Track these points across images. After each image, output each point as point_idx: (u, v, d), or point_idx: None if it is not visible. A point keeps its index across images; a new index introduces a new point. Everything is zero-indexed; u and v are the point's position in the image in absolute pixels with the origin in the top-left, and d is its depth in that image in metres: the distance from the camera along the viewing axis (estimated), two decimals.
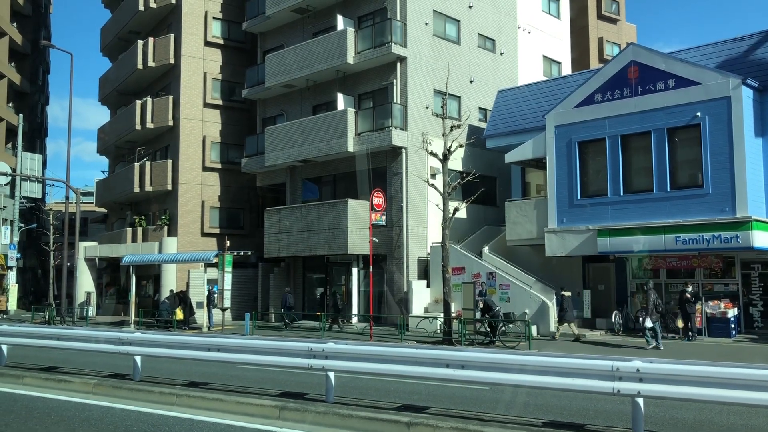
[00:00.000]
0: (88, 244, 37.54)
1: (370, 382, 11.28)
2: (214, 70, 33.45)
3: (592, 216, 21.79)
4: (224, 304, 25.06)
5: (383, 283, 26.04)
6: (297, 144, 28.14)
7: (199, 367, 12.60)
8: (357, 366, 8.96)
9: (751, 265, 20.73)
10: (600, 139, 21.84)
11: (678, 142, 20.52)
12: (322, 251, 26.60)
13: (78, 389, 10.60)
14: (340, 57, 26.79)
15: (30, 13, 51.95)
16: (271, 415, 8.53)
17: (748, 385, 6.61)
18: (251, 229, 33.49)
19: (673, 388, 6.96)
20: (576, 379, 7.43)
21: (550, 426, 7.65)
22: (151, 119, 33.24)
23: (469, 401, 9.70)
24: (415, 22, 26.65)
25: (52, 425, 8.33)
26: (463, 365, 8.10)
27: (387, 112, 25.91)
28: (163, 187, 32.38)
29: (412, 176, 25.58)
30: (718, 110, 19.54)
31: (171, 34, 33.14)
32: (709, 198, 19.59)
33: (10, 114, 45.73)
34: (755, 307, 20.70)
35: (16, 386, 11.18)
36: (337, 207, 26.01)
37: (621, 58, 21.79)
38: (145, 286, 34.84)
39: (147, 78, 35.39)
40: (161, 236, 31.93)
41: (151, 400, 9.64)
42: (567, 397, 9.98)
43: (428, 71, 26.92)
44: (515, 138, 25.57)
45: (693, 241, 19.57)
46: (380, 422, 7.88)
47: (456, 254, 23.67)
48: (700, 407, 9.16)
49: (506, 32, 31.10)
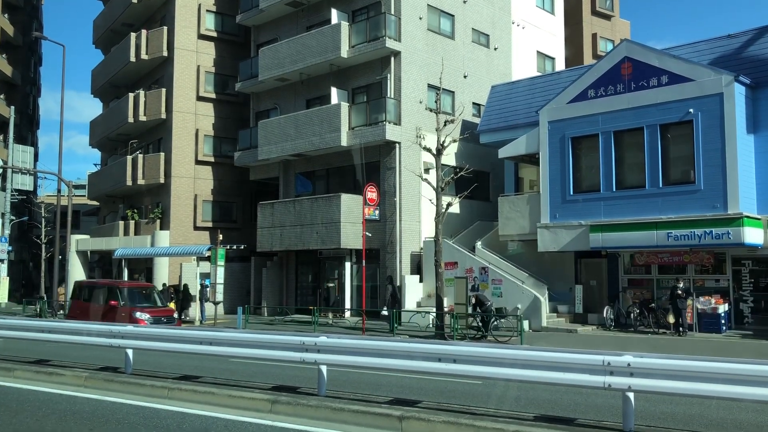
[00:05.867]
0: (80, 237, 37.39)
1: (362, 376, 11.29)
2: (208, 63, 33.32)
3: (584, 211, 21.86)
4: (217, 298, 25.04)
5: (376, 277, 26.06)
6: (290, 138, 28.08)
7: (191, 361, 12.57)
8: (349, 360, 8.97)
9: (742, 261, 20.86)
10: (593, 135, 21.89)
11: (670, 138, 20.60)
12: (315, 245, 26.59)
13: (69, 382, 10.57)
14: (334, 51, 26.73)
15: (22, 4, 51.59)
16: (263, 408, 8.53)
17: (738, 379, 6.65)
18: (244, 222, 33.43)
19: (663, 382, 7.00)
20: (567, 374, 7.46)
21: (541, 420, 7.67)
22: (143, 112, 33.09)
23: (461, 395, 9.72)
24: (409, 16, 26.61)
25: (43, 418, 8.30)
26: (455, 359, 8.12)
27: (381, 106, 25.89)
28: (155, 181, 32.27)
29: (405, 171, 25.58)
30: (710, 107, 19.62)
31: (164, 27, 32.97)
32: (701, 194, 19.69)
33: (2, 106, 45.46)
34: (745, 303, 20.84)
35: (7, 379, 11.13)
36: (330, 201, 25.99)
37: (614, 55, 21.84)
38: (138, 280, 34.72)
39: (140, 71, 35.21)
40: (154, 229, 31.83)
41: (143, 393, 9.62)
42: (558, 392, 10.02)
43: (422, 66, 26.89)
44: (509, 133, 25.60)
45: (685, 237, 19.68)
46: (372, 416, 7.90)
47: (449, 249, 23.71)
48: (690, 402, 9.21)
49: (500, 27, 31.10)
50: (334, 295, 26.81)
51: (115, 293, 20.18)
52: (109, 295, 20.32)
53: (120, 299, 19.93)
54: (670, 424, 8.00)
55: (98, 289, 21.27)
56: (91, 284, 23.38)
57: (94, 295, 20.97)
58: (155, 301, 21.19)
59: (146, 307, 20.03)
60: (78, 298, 21.60)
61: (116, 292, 20.25)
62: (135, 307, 19.65)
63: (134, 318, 18.64)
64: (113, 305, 19.70)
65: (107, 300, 20.16)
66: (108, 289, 20.76)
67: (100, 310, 19.84)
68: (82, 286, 22.53)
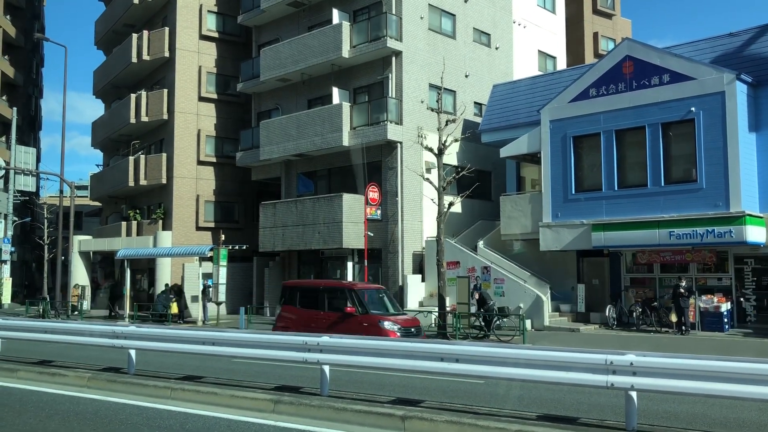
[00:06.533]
0: (83, 238, 37.41)
1: (365, 375, 11.30)
2: (209, 64, 33.34)
3: (586, 210, 21.85)
4: (219, 298, 25.05)
5: (378, 277, 26.06)
6: (292, 138, 28.09)
7: (193, 361, 12.58)
8: (352, 360, 8.97)
9: (744, 260, 20.83)
10: (595, 134, 21.88)
11: (672, 136, 20.58)
12: (317, 245, 26.59)
13: (72, 383, 10.58)
14: (336, 51, 26.73)
15: (23, 6, 51.64)
16: (266, 408, 8.54)
17: (741, 378, 6.64)
18: (246, 223, 33.45)
19: (666, 381, 6.99)
20: (570, 373, 7.46)
21: (544, 419, 7.67)
22: (145, 113, 33.11)
23: (464, 395, 9.72)
24: (410, 16, 26.60)
25: (46, 419, 8.31)
26: (458, 359, 8.12)
27: (382, 106, 25.89)
28: (157, 181, 32.29)
29: (407, 170, 25.58)
30: (712, 105, 19.59)
31: (165, 28, 32.99)
32: (703, 193, 19.67)
33: (4, 107, 45.51)
34: (748, 302, 20.82)
35: (10, 380, 11.15)
36: (332, 201, 26.00)
37: (616, 53, 21.82)
38: (140, 280, 34.78)
39: (141, 71, 35.23)
40: (156, 230, 31.86)
41: (146, 393, 9.64)
42: (561, 391, 10.01)
43: (423, 65, 26.89)
44: (510, 132, 25.59)
45: (687, 235, 19.66)
46: (375, 416, 7.89)
47: (451, 248, 23.70)
48: (693, 401, 9.20)
49: (501, 27, 31.08)
50: None
51: (350, 298, 16.11)
52: (340, 299, 16.46)
53: (357, 305, 15.96)
54: (673, 423, 7.99)
55: (321, 293, 17.01)
56: (311, 286, 18.87)
57: (316, 300, 16.91)
58: (387, 305, 17.00)
59: (388, 315, 16.25)
60: (290, 303, 17.41)
61: (352, 296, 16.15)
62: (378, 315, 15.93)
63: (382, 329, 15.13)
64: (349, 312, 15.81)
65: (338, 306, 16.33)
66: (339, 293, 16.80)
67: (326, 319, 16.12)
68: (295, 288, 18.12)
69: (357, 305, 15.93)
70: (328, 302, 16.60)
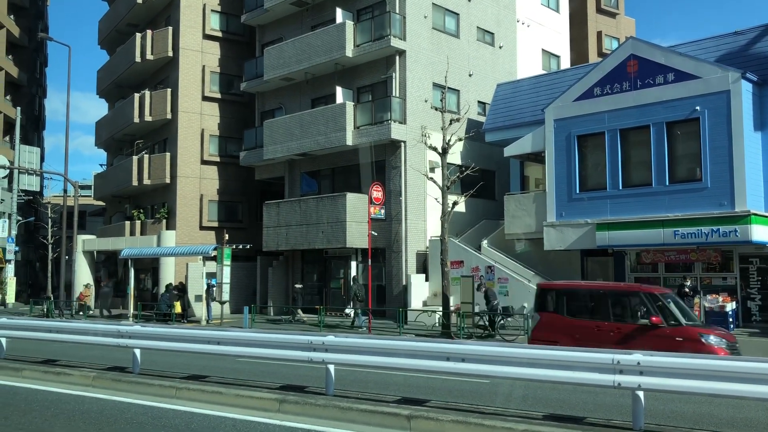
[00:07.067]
0: (87, 238, 37.47)
1: (370, 375, 11.29)
2: (213, 63, 33.36)
3: (590, 210, 21.79)
4: (223, 298, 25.07)
5: (382, 276, 26.05)
6: (296, 137, 28.09)
7: (198, 360, 12.58)
8: (357, 359, 8.96)
9: (750, 259, 20.75)
10: (599, 133, 21.80)
11: (677, 136, 20.50)
12: (320, 245, 26.59)
13: (77, 382, 10.59)
14: (339, 50, 26.72)
15: (27, 6, 51.73)
16: (271, 408, 8.53)
17: (748, 378, 6.62)
18: (250, 222, 33.47)
19: (673, 381, 6.97)
20: (577, 372, 7.44)
21: (549, 419, 7.64)
22: (149, 112, 33.16)
23: (469, 394, 9.70)
24: (414, 15, 26.57)
25: (52, 418, 8.32)
26: (464, 358, 8.10)
27: (386, 105, 25.87)
28: (161, 181, 32.33)
29: (411, 170, 25.56)
30: (717, 104, 19.51)
31: (169, 27, 33.02)
32: (708, 192, 19.59)
33: (8, 107, 45.61)
34: (753, 301, 20.75)
35: (16, 379, 11.17)
36: (335, 200, 25.99)
37: (620, 52, 21.75)
38: (144, 280, 34.83)
39: (145, 71, 35.27)
40: (160, 229, 31.91)
41: (151, 393, 9.64)
42: (567, 390, 9.99)
43: (427, 65, 26.86)
44: (514, 132, 25.54)
45: (691, 235, 19.58)
46: (380, 415, 7.88)
47: (455, 248, 23.68)
48: (700, 400, 9.17)
49: (505, 26, 31.04)
50: (340, 295, 26.82)
51: (651, 305, 12.48)
52: (631, 307, 13.12)
53: (668, 315, 12.35)
54: (680, 423, 7.97)
55: (604, 298, 13.27)
56: (586, 289, 14.65)
57: (596, 307, 13.35)
58: (675, 313, 12.60)
59: (701, 327, 12.79)
60: (552, 310, 13.60)
61: (655, 303, 12.48)
62: (695, 328, 12.41)
63: (705, 346, 11.67)
64: (655, 323, 12.14)
65: (625, 315, 13.06)
66: (631, 298, 13.21)
67: (614, 332, 12.50)
68: (561, 292, 13.91)
69: (667, 316, 12.36)
70: (613, 310, 13.13)
